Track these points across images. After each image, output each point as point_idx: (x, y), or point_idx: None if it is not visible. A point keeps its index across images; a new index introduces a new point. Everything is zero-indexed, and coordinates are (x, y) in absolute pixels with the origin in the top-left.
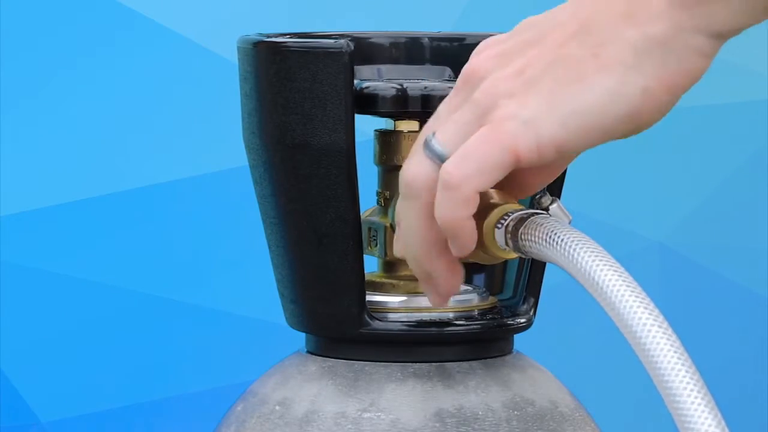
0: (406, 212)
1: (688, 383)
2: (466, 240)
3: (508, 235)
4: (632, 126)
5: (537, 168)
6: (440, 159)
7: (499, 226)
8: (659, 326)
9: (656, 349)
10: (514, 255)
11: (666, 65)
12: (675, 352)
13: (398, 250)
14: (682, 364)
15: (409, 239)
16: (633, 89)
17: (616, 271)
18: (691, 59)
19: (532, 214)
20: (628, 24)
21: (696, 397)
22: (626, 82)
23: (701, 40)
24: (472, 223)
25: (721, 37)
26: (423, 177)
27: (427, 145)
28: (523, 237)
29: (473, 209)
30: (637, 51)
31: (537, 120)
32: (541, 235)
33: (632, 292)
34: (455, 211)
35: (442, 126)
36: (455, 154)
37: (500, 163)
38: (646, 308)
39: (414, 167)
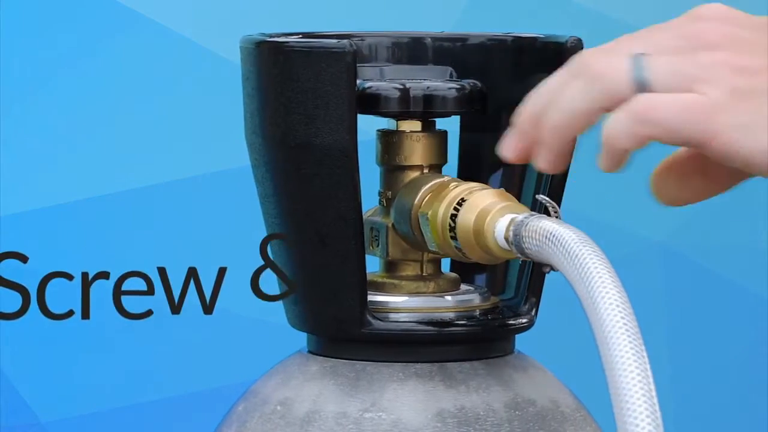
0: (571, 89)
1: (640, 389)
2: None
3: (510, 234)
4: None
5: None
6: (641, 83)
7: (502, 225)
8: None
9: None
10: (515, 255)
11: None
12: (635, 356)
13: (533, 107)
14: (638, 369)
15: (563, 107)
16: None
17: (606, 270)
18: None
19: (535, 216)
20: None
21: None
22: None
23: None
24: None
25: None
26: (616, 78)
27: (636, 60)
28: (524, 237)
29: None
30: None
31: (746, 127)
32: (541, 236)
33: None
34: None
35: (657, 54)
36: (661, 95)
37: (684, 135)
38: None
39: (616, 65)
